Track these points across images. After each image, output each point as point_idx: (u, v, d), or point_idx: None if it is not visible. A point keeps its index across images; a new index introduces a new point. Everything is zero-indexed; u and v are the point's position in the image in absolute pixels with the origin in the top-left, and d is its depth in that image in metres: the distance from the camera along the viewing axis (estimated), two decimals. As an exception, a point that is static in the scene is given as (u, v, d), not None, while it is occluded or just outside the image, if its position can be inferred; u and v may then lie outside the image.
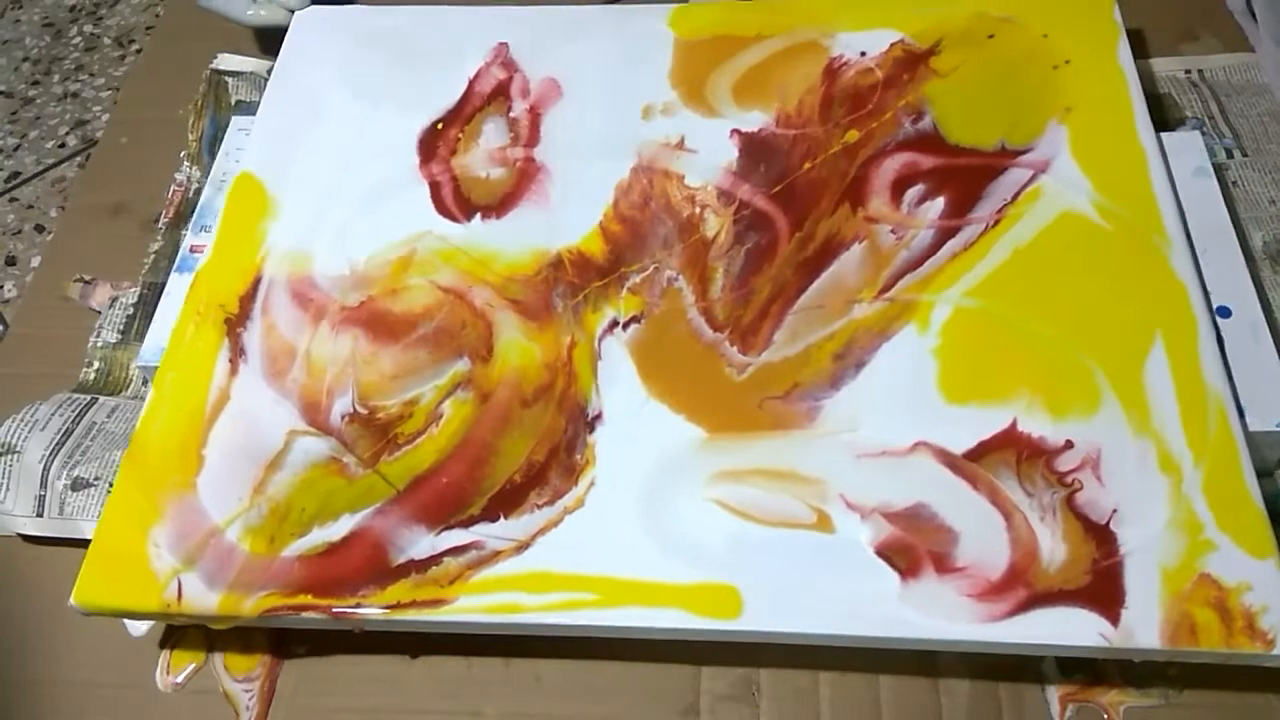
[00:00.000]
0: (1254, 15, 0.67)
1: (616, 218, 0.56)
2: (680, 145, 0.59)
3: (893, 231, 0.54)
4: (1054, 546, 0.45)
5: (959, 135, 0.58)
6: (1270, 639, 0.42)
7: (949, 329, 0.51)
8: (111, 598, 0.47)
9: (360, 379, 0.52)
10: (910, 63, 0.61)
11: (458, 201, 0.58)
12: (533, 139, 0.60)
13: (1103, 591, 0.43)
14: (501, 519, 0.48)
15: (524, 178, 0.59)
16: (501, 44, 0.64)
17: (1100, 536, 0.45)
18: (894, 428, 0.49)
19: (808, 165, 0.57)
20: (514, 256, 0.56)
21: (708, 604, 0.45)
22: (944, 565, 0.45)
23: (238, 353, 0.53)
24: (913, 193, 0.56)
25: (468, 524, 0.48)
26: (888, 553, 0.45)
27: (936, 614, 0.44)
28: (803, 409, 0.50)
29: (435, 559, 0.47)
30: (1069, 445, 0.47)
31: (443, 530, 0.48)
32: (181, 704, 0.49)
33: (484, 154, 0.60)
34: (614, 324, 0.53)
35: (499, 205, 0.58)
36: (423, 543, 0.47)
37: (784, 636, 0.45)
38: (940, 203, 0.55)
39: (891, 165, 0.57)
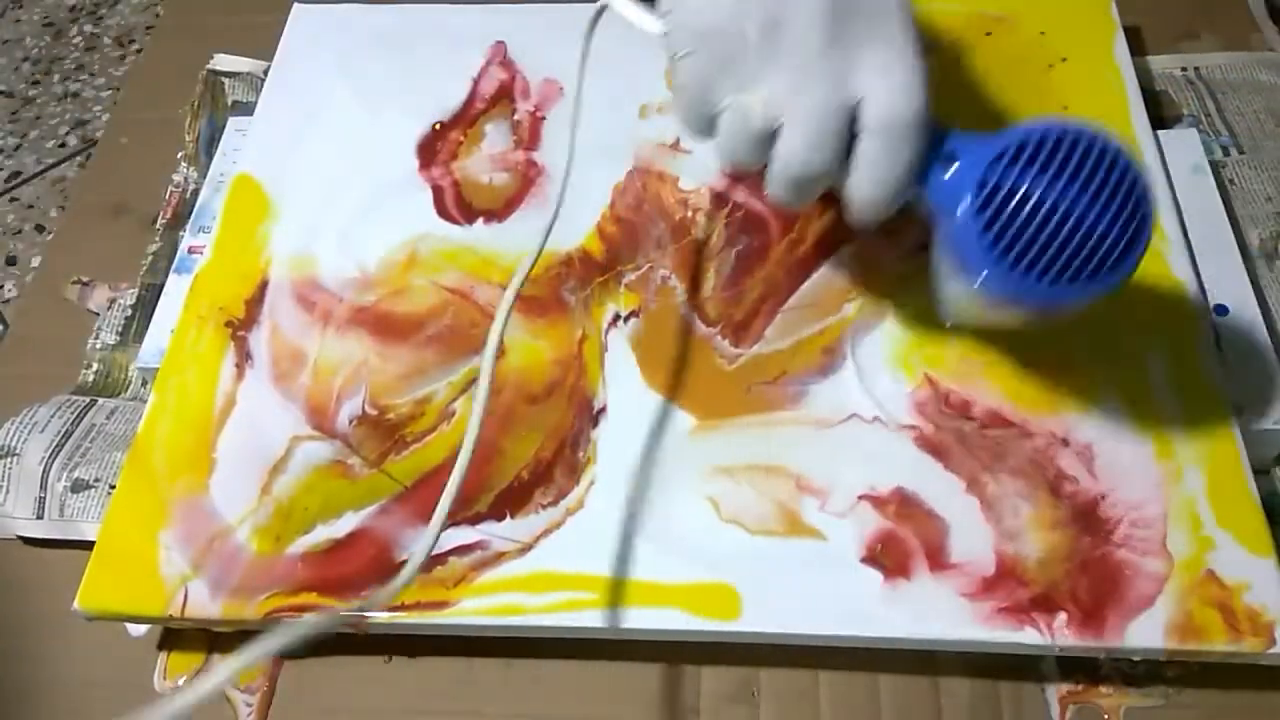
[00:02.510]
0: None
1: (613, 219, 0.56)
2: (676, 146, 0.59)
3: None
4: (1049, 543, 0.45)
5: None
6: (1270, 637, 0.42)
7: (941, 324, 0.51)
8: (117, 602, 0.47)
9: (372, 380, 0.52)
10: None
11: (460, 206, 0.58)
12: (533, 141, 0.60)
13: (1102, 590, 0.44)
14: (508, 518, 0.48)
15: (524, 181, 0.59)
16: (500, 43, 0.64)
17: (1097, 533, 0.45)
18: (884, 419, 0.49)
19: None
20: (515, 258, 0.55)
21: (707, 605, 0.45)
22: (937, 562, 0.45)
23: (244, 357, 0.53)
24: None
25: (474, 521, 0.48)
26: (881, 551, 0.45)
27: (933, 613, 0.44)
28: (790, 394, 0.50)
29: (440, 558, 0.47)
30: (1064, 442, 0.47)
31: (448, 527, 0.48)
32: (181, 705, 0.49)
33: (485, 157, 0.60)
34: (616, 318, 0.53)
35: (501, 209, 0.58)
36: (415, 540, 0.47)
37: (782, 637, 0.45)
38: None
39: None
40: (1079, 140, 0.38)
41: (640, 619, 0.45)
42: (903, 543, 0.46)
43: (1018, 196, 0.38)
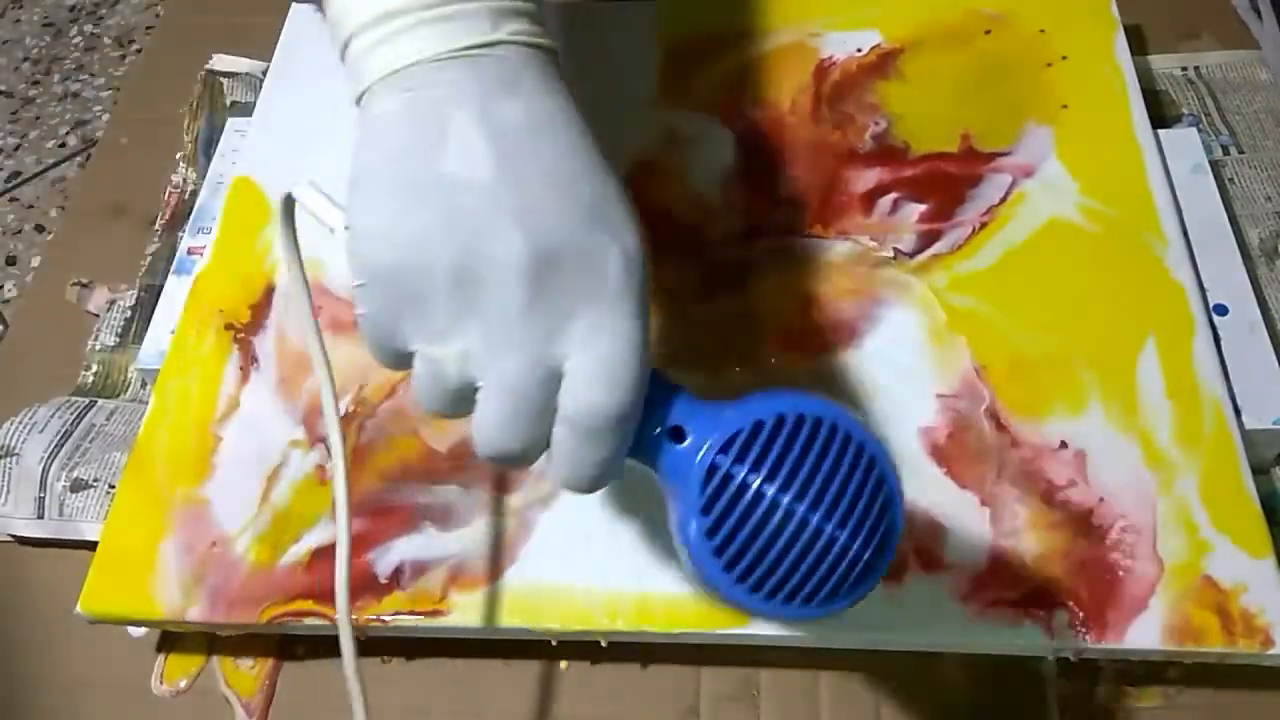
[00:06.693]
0: (1258, 13, 0.67)
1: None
2: (673, 147, 0.59)
3: (873, 240, 0.54)
4: (1044, 543, 0.45)
5: (950, 137, 0.58)
6: (1268, 638, 0.42)
7: (934, 325, 0.51)
8: (119, 606, 0.47)
9: (369, 383, 0.52)
10: (900, 63, 0.61)
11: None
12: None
13: (1098, 592, 0.44)
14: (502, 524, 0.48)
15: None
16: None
17: (1091, 537, 0.45)
18: (876, 421, 0.49)
19: (796, 170, 0.57)
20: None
21: (715, 613, 0.45)
22: (935, 563, 0.45)
23: (249, 361, 0.53)
24: (901, 197, 0.56)
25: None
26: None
27: (931, 613, 0.44)
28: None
29: (421, 566, 0.47)
30: (1061, 444, 0.47)
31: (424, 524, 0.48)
32: (180, 704, 0.49)
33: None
34: None
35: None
36: (402, 546, 0.47)
37: (787, 639, 0.45)
38: (928, 207, 0.55)
39: (880, 168, 0.57)
40: (819, 427, 0.33)
41: (648, 628, 0.45)
42: (899, 546, 0.45)
43: (744, 505, 0.32)
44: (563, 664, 0.48)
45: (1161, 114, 0.64)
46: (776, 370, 0.51)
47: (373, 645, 0.48)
